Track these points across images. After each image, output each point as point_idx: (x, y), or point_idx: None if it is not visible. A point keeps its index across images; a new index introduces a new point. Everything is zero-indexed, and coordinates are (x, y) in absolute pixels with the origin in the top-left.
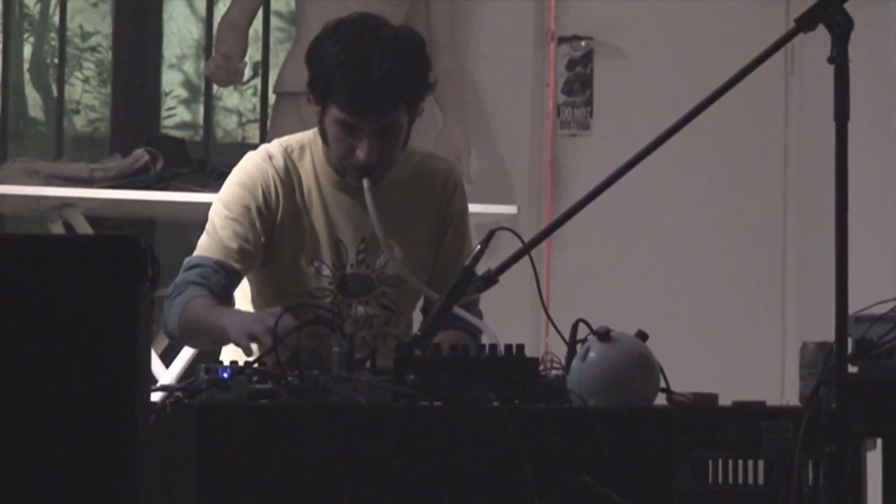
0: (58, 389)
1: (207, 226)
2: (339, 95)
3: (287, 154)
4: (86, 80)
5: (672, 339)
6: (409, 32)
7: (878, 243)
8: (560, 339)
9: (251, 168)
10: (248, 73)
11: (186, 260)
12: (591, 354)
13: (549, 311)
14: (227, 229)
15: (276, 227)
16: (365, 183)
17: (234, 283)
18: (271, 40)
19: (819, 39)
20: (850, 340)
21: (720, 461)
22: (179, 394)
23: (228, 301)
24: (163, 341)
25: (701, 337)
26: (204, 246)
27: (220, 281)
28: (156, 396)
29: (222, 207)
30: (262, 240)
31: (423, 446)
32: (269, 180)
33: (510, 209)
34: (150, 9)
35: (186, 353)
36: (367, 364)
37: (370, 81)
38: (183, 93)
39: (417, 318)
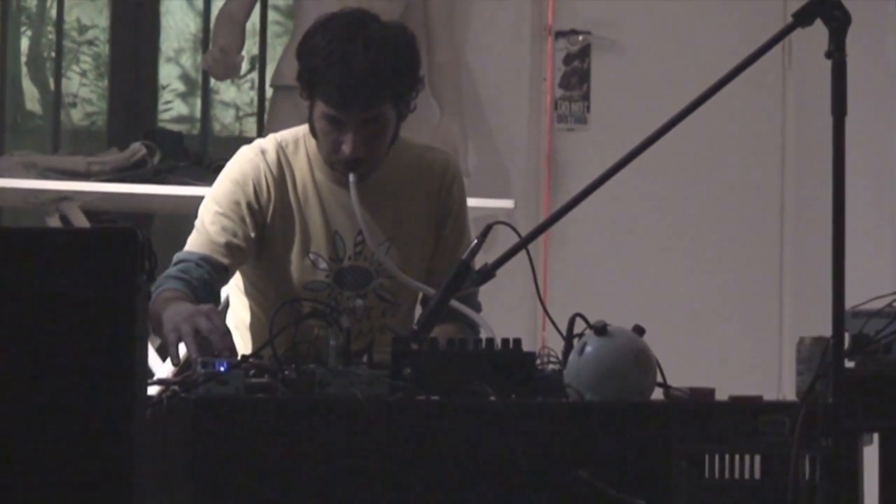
0: (55, 382)
1: (197, 222)
2: (323, 89)
3: (281, 149)
4: (83, 74)
5: (669, 333)
6: (398, 28)
7: (876, 238)
8: (557, 333)
9: (243, 163)
10: (245, 66)
11: (174, 256)
12: (588, 349)
13: (546, 305)
14: (216, 224)
15: (267, 222)
16: (351, 178)
17: (221, 277)
18: (269, 34)
19: (816, 34)
20: (847, 335)
21: (717, 456)
22: (176, 387)
23: (211, 294)
24: None
25: (698, 331)
26: (192, 242)
27: (203, 275)
28: (152, 390)
29: (213, 203)
30: (253, 235)
31: (419, 440)
32: (260, 175)
33: (507, 203)
34: (148, 2)
35: (184, 347)
36: (364, 358)
37: (353, 75)
38: (180, 86)
39: (419, 309)
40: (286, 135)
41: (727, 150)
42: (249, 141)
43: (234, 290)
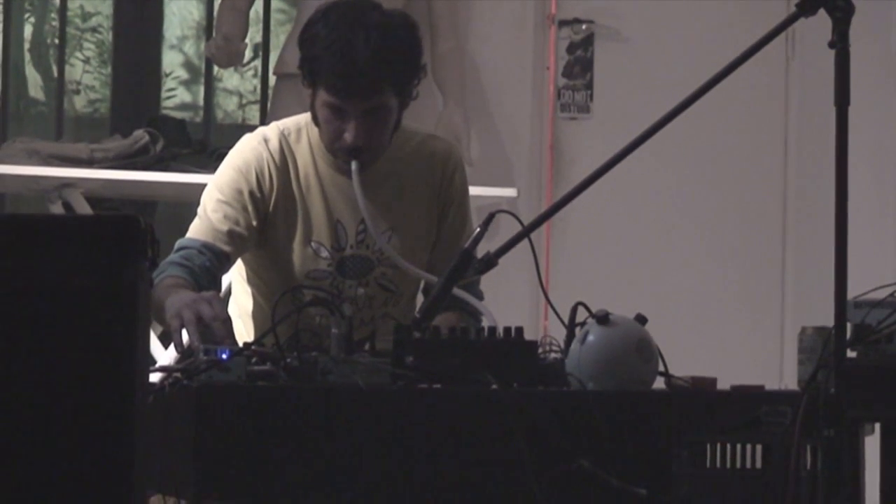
0: (57, 370)
1: (199, 209)
2: (325, 78)
3: (283, 137)
4: (86, 61)
5: (671, 322)
6: (399, 16)
7: (878, 228)
8: (559, 322)
9: (246, 151)
10: (248, 54)
11: (176, 243)
12: (590, 338)
13: (548, 294)
14: (218, 212)
15: (270, 211)
16: (353, 166)
17: (222, 265)
18: (272, 22)
19: (820, 24)
20: (849, 325)
21: (718, 445)
22: (178, 375)
23: (213, 282)
24: None
25: (700, 321)
26: (194, 229)
27: (204, 262)
28: (154, 377)
29: (215, 191)
30: (255, 223)
31: (421, 429)
32: (263, 164)
33: (510, 192)
34: None
35: (186, 334)
36: (366, 346)
37: (355, 64)
38: (183, 74)
39: (421, 298)
40: (289, 123)
41: (730, 140)
42: (252, 129)
43: (237, 278)
